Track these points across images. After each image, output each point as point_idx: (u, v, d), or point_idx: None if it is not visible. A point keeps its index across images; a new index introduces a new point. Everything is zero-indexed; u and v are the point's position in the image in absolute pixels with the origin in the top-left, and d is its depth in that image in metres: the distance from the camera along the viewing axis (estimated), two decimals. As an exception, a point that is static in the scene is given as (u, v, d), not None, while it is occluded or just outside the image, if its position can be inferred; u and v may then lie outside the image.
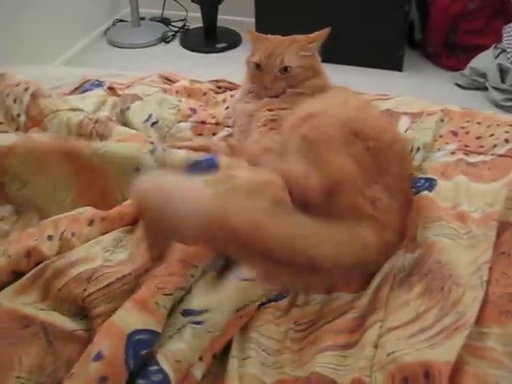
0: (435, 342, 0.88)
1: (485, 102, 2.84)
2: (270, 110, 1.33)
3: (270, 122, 1.31)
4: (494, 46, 2.92)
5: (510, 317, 0.92)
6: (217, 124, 1.49)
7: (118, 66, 3.31)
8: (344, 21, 3.09)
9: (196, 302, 0.92)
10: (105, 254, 0.99)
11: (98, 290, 0.92)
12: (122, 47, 3.54)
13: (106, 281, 0.93)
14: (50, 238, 1.02)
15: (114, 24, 3.75)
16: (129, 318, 0.86)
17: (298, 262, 0.93)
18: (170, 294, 0.90)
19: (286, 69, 1.33)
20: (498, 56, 2.87)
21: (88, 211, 1.09)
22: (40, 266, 0.98)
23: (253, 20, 3.28)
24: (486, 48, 2.96)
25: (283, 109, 1.32)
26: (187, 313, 0.91)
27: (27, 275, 0.98)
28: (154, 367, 0.84)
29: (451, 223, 1.11)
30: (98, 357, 0.81)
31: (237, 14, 3.62)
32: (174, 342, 0.87)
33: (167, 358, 0.85)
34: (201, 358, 0.88)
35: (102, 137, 1.32)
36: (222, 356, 0.92)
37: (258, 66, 1.36)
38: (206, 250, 0.97)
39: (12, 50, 2.82)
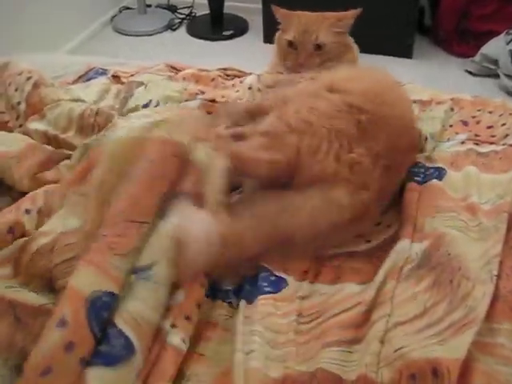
0: (444, 338, 0.86)
1: (496, 90, 2.80)
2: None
3: (316, 76, 1.32)
4: (505, 31, 2.87)
5: (521, 312, 0.90)
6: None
7: (124, 53, 3.29)
8: (353, 7, 3.04)
9: (143, 257, 0.90)
10: (59, 224, 0.99)
11: (63, 262, 0.93)
12: (128, 35, 3.52)
13: (69, 253, 0.93)
14: (27, 211, 1.05)
15: (120, 11, 3.72)
16: (86, 280, 0.84)
17: (277, 240, 1.00)
18: (124, 255, 0.88)
19: (320, 46, 1.39)
20: (509, 42, 2.81)
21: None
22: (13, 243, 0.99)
23: (260, 6, 3.24)
24: (497, 34, 2.90)
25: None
26: (135, 270, 0.88)
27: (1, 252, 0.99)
28: (113, 329, 0.82)
29: (461, 215, 1.08)
30: (62, 323, 0.80)
31: (244, 1, 3.58)
32: (128, 301, 0.85)
33: (124, 318, 0.83)
34: (173, 325, 0.88)
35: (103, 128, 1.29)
36: (223, 343, 0.91)
37: (291, 43, 1.40)
38: (151, 205, 0.95)
39: (17, 38, 2.80)
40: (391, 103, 1.18)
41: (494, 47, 2.86)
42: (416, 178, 1.17)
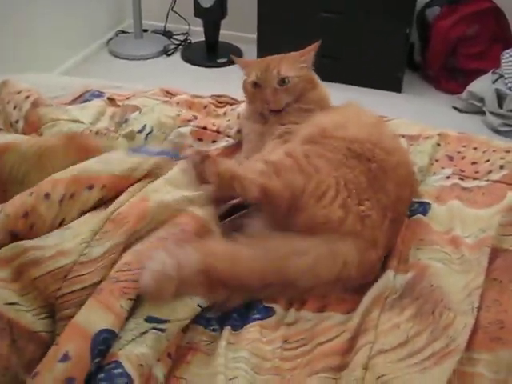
0: (425, 367, 0.88)
1: (482, 127, 2.87)
2: (282, 124, 1.34)
3: (284, 134, 1.32)
4: (492, 70, 2.95)
5: (501, 344, 0.93)
6: (218, 132, 1.49)
7: (119, 76, 3.32)
8: (345, 41, 3.12)
9: (159, 310, 0.92)
10: (80, 246, 0.95)
11: (71, 292, 0.91)
12: (124, 58, 3.56)
13: (79, 284, 0.92)
14: (47, 196, 1.00)
15: (116, 35, 3.77)
16: (94, 317, 0.86)
17: (277, 279, 1.01)
18: (134, 300, 0.91)
19: (284, 80, 1.34)
20: (495, 81, 2.90)
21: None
22: (16, 245, 0.95)
23: (255, 36, 3.31)
24: (484, 72, 2.99)
25: (295, 123, 1.34)
26: (151, 320, 0.91)
27: (1, 250, 0.95)
28: (118, 370, 0.84)
29: (444, 248, 1.12)
30: (65, 358, 0.81)
31: (239, 30, 3.65)
32: (137, 346, 0.87)
33: (131, 361, 0.85)
34: (158, 359, 0.90)
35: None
36: (203, 367, 0.93)
37: (255, 83, 1.36)
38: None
39: (14, 58, 2.83)
40: (393, 148, 1.20)
41: (481, 85, 2.94)
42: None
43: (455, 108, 3.05)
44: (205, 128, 1.48)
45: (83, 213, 1.03)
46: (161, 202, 1.04)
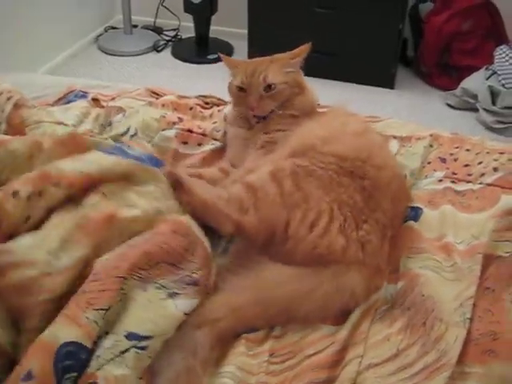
0: (416, 382, 0.86)
1: (475, 124, 2.84)
2: (266, 133, 1.30)
3: (266, 144, 1.28)
4: (485, 67, 2.92)
5: (493, 356, 0.90)
6: (203, 135, 1.45)
7: (108, 73, 3.28)
8: (337, 36, 3.08)
9: (138, 324, 0.87)
10: (48, 257, 0.90)
11: (34, 305, 0.87)
12: (113, 54, 3.50)
13: (42, 296, 0.87)
14: (15, 194, 0.95)
15: (105, 31, 3.72)
16: (57, 332, 0.82)
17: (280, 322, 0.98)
18: (102, 310, 0.85)
19: (270, 86, 1.29)
20: (489, 77, 2.86)
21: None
22: None
23: (245, 31, 3.27)
24: (477, 69, 2.95)
25: (279, 130, 1.29)
26: (131, 336, 0.86)
27: None
28: None
29: (435, 255, 1.09)
30: (28, 377, 0.77)
31: (230, 25, 3.60)
32: (117, 367, 0.83)
33: (109, 382, 0.81)
34: (140, 377, 0.85)
35: None
36: None
37: (240, 88, 1.32)
38: (138, 265, 0.92)
39: (2, 54, 2.78)
40: (384, 162, 1.17)
41: (474, 82, 2.91)
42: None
43: (448, 105, 3.01)
44: (190, 131, 1.44)
45: (50, 210, 0.97)
46: (133, 217, 0.99)
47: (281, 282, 0.99)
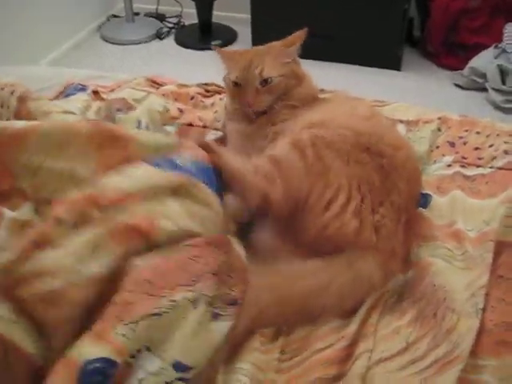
0: (427, 376, 0.83)
1: (484, 103, 2.78)
2: (273, 125, 1.25)
3: (277, 134, 1.21)
4: (494, 45, 2.85)
5: (508, 347, 0.88)
6: (204, 127, 1.43)
7: (111, 62, 3.25)
8: (341, 18, 3.02)
9: (187, 352, 0.79)
10: (75, 267, 0.81)
11: (60, 319, 0.80)
12: (116, 43, 3.47)
13: (67, 308, 0.80)
14: (60, 222, 0.85)
15: (107, 19, 3.68)
16: (83, 349, 0.75)
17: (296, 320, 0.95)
18: (132, 323, 0.78)
19: (266, 80, 1.23)
20: (498, 56, 2.80)
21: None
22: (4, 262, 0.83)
23: (248, 16, 3.21)
24: (486, 47, 2.89)
25: (286, 120, 1.24)
26: (179, 367, 0.78)
27: None
28: None
29: (446, 243, 1.06)
30: None
31: (232, 11, 3.55)
32: None
33: None
34: None
35: None
36: None
37: (235, 83, 1.26)
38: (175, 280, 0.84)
39: (5, 45, 2.77)
40: (399, 142, 1.12)
41: (483, 61, 2.84)
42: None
43: (456, 85, 2.96)
44: (190, 125, 1.41)
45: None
46: (171, 231, 0.89)
47: (296, 278, 0.96)
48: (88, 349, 0.75)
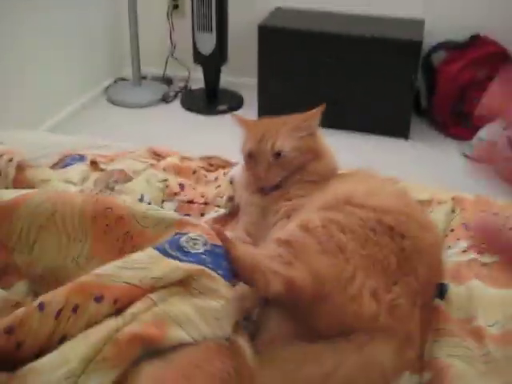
0: None
1: (493, 175, 2.73)
2: (287, 200, 1.18)
3: (291, 211, 1.15)
4: (502, 116, 2.83)
5: None
6: (205, 204, 1.36)
7: (117, 124, 3.24)
8: (350, 86, 3.03)
9: None
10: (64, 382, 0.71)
11: None
12: (122, 106, 3.47)
13: None
14: (41, 306, 0.77)
15: (115, 82, 3.70)
16: None
17: None
18: None
19: (279, 154, 1.18)
20: (506, 127, 2.77)
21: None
22: None
23: (255, 82, 3.22)
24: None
25: (302, 196, 1.17)
26: None
27: None
28: None
29: (465, 341, 0.96)
30: None
31: (239, 76, 3.57)
32: None
33: None
34: None
35: None
36: None
37: (250, 154, 1.22)
38: None
39: (11, 105, 2.78)
40: (427, 223, 1.06)
41: (491, 131, 2.81)
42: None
43: (465, 155, 2.92)
44: (191, 202, 1.35)
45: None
46: (180, 341, 0.79)
47: (299, 363, 0.86)
48: None
